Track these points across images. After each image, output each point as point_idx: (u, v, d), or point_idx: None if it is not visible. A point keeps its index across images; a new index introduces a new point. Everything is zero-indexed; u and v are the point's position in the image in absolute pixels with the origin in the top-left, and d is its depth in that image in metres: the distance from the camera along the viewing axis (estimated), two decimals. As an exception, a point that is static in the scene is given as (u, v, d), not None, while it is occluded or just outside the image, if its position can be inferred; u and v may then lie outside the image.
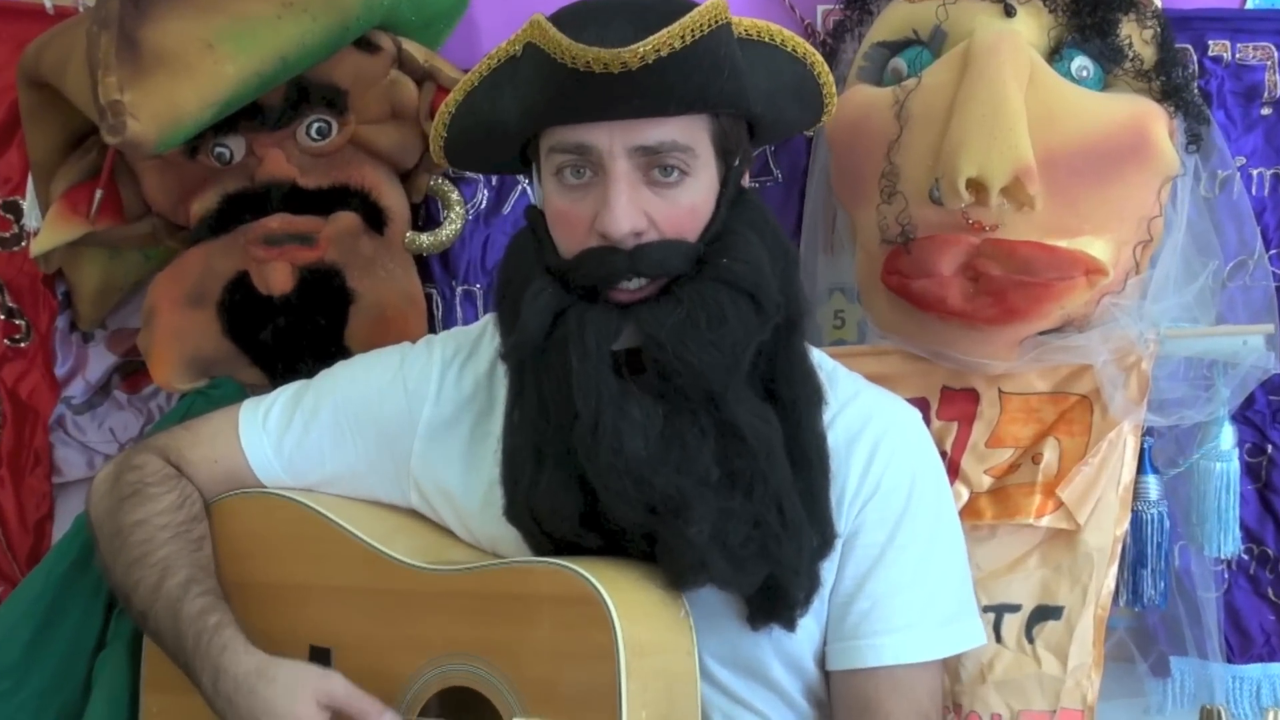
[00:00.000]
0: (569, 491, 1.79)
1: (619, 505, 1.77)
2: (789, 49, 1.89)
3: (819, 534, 1.85)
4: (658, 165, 1.78)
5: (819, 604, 1.90)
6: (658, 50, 1.68)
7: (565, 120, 1.78)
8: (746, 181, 1.92)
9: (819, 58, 1.92)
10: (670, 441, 1.77)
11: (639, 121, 1.76)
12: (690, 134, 1.79)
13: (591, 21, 1.73)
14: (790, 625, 1.86)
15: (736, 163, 1.86)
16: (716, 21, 1.72)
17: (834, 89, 1.96)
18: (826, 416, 1.91)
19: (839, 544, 1.90)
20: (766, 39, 1.87)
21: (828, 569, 1.89)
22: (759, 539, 1.79)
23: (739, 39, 1.81)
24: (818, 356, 1.97)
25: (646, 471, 1.75)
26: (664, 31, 1.68)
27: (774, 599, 1.84)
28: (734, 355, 1.78)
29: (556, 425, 1.79)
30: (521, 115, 1.84)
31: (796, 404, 1.86)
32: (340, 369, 2.11)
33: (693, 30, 1.70)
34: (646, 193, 1.79)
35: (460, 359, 2.03)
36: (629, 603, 1.74)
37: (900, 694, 1.89)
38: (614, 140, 1.76)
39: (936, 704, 1.95)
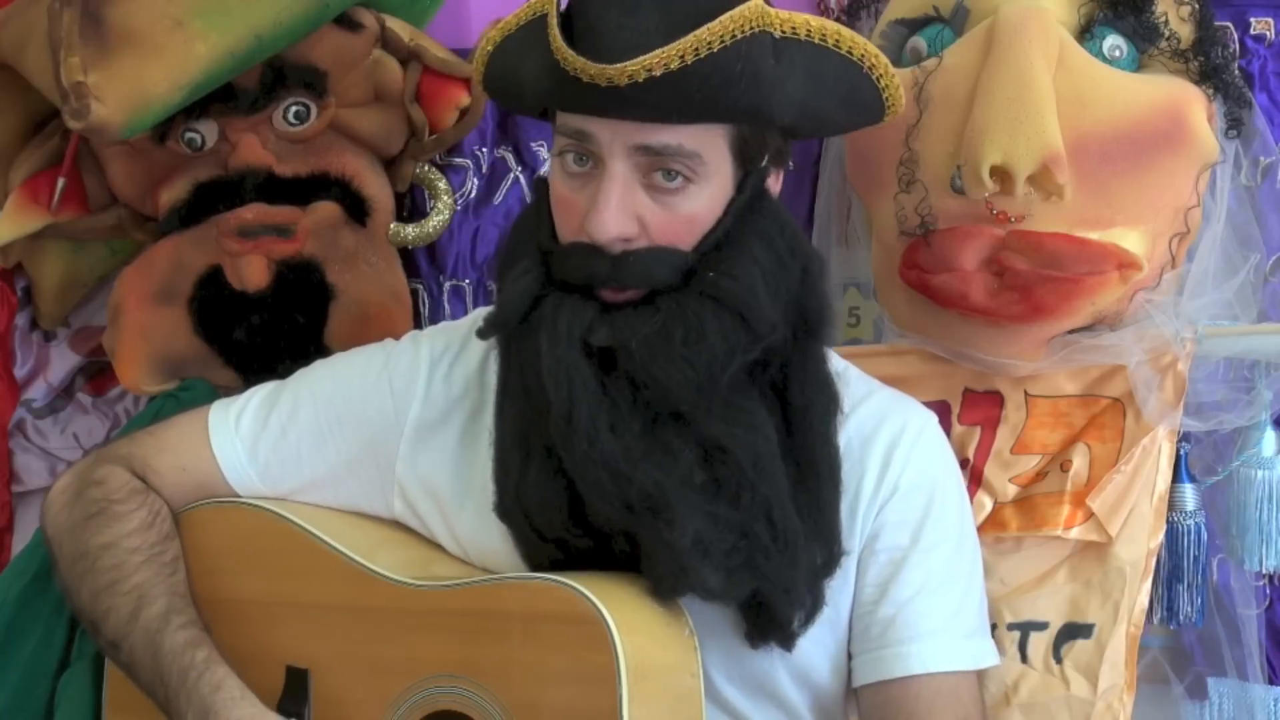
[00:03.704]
0: (555, 484, 1.80)
1: (597, 500, 1.77)
2: (843, 50, 1.81)
3: (824, 550, 1.85)
4: (660, 168, 1.76)
5: (833, 614, 1.90)
6: (649, 70, 1.67)
7: (566, 109, 1.78)
8: (779, 183, 1.89)
9: (880, 59, 1.84)
10: (652, 439, 1.78)
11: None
12: (700, 140, 1.77)
13: (615, 5, 1.71)
14: (787, 646, 1.86)
15: (764, 163, 1.84)
16: (738, 34, 1.70)
17: (899, 91, 1.87)
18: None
19: (856, 553, 1.91)
20: (818, 39, 1.80)
21: (840, 583, 1.90)
22: (745, 550, 1.79)
23: (778, 39, 1.76)
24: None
25: (625, 466, 1.75)
26: (658, 52, 1.67)
27: (765, 618, 1.84)
28: (709, 373, 1.77)
29: (537, 413, 1.79)
30: (534, 86, 1.83)
31: (809, 411, 1.86)
32: (319, 367, 2.10)
33: (697, 49, 1.68)
34: (642, 196, 1.77)
35: (450, 356, 2.02)
36: (630, 621, 1.74)
37: (943, 703, 1.89)
38: (616, 136, 1.75)
39: (983, 713, 1.95)
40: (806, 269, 1.86)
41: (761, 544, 1.78)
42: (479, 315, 1.99)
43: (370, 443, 2.00)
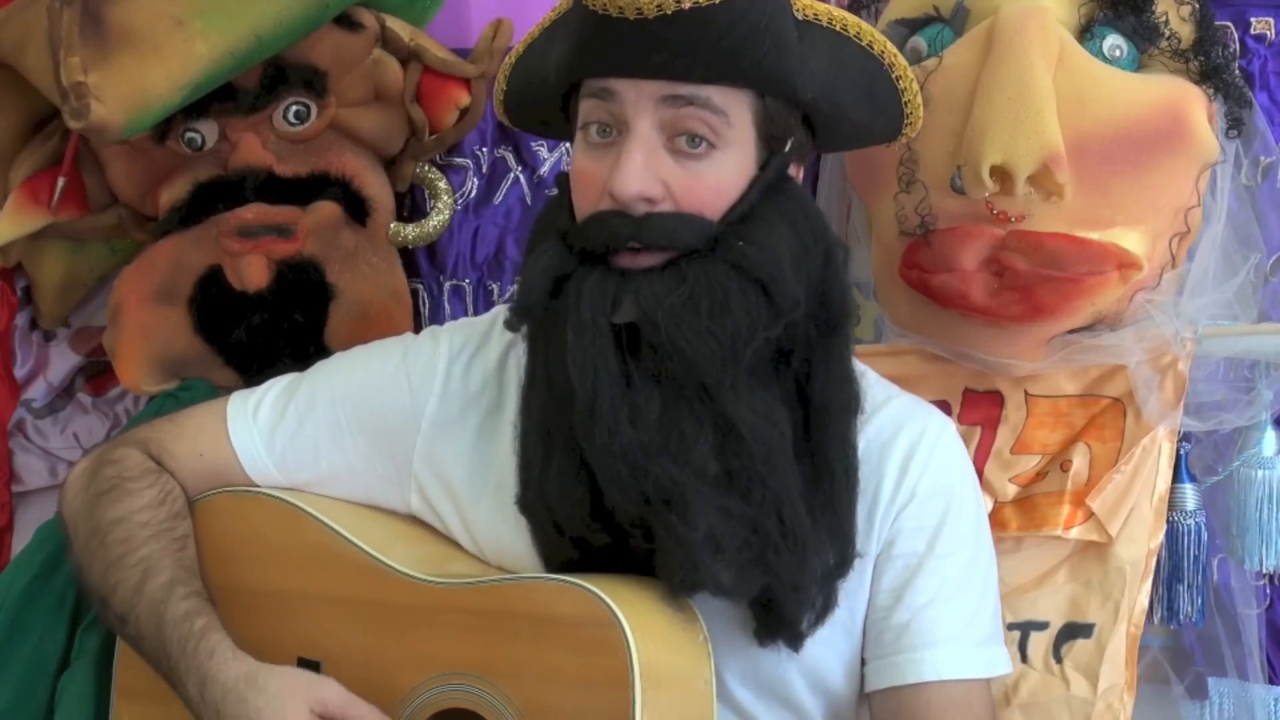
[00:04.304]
0: (577, 477, 1.79)
1: (615, 492, 1.76)
2: (864, 43, 1.84)
3: (837, 551, 1.84)
4: (685, 133, 1.76)
5: (848, 618, 1.90)
6: (678, 2, 1.67)
7: (592, 73, 1.79)
8: (799, 176, 1.89)
9: (901, 60, 1.87)
10: (668, 428, 1.76)
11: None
12: (727, 100, 1.76)
13: None
14: (795, 645, 1.85)
15: (786, 149, 1.83)
16: None
17: (919, 96, 1.90)
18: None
19: (872, 557, 1.90)
20: (839, 27, 1.83)
21: (855, 587, 1.89)
22: (756, 546, 1.78)
23: (800, 20, 1.80)
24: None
25: (642, 458, 1.74)
26: None
27: (774, 615, 1.83)
28: (733, 346, 1.75)
29: (560, 404, 1.79)
30: (558, 67, 1.84)
31: (828, 409, 1.85)
32: (337, 361, 2.10)
33: None
34: (667, 159, 1.77)
35: (468, 352, 2.02)
36: (645, 626, 1.73)
37: (955, 710, 1.89)
38: (642, 93, 1.75)
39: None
40: (829, 255, 1.85)
41: (772, 540, 1.77)
42: (500, 311, 2.02)
43: (387, 437, 2.00)
